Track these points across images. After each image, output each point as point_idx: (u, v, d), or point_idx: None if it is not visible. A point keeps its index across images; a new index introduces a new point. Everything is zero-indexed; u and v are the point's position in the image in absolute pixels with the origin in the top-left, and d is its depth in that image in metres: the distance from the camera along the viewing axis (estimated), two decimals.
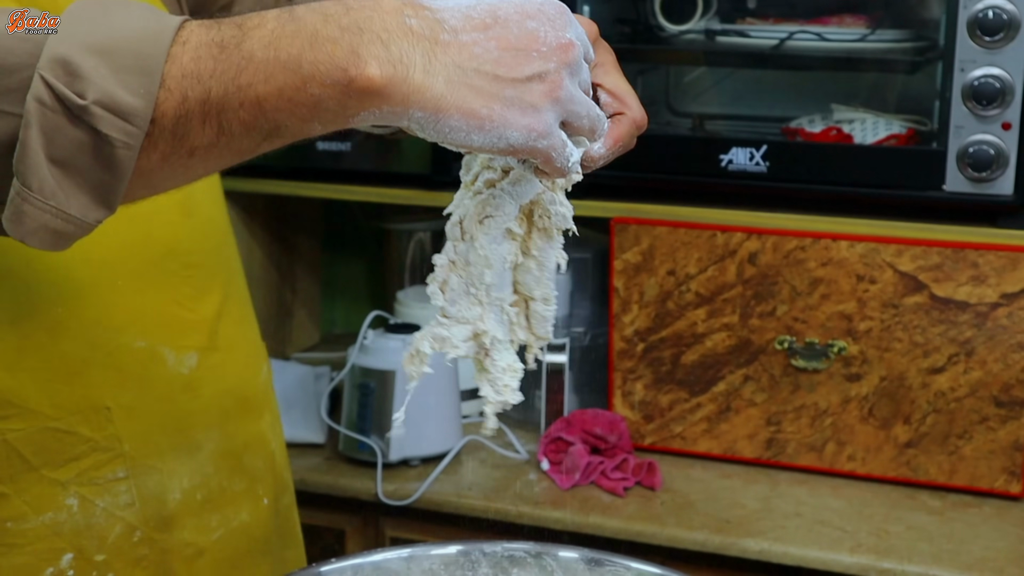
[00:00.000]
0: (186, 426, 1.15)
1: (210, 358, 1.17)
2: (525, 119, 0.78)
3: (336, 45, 0.75)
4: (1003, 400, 1.79)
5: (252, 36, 0.76)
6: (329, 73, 0.75)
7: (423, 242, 2.36)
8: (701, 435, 1.95)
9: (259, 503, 1.23)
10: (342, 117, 0.77)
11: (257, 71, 0.75)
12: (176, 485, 1.13)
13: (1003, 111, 1.73)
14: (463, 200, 0.90)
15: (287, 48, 0.75)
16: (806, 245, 1.86)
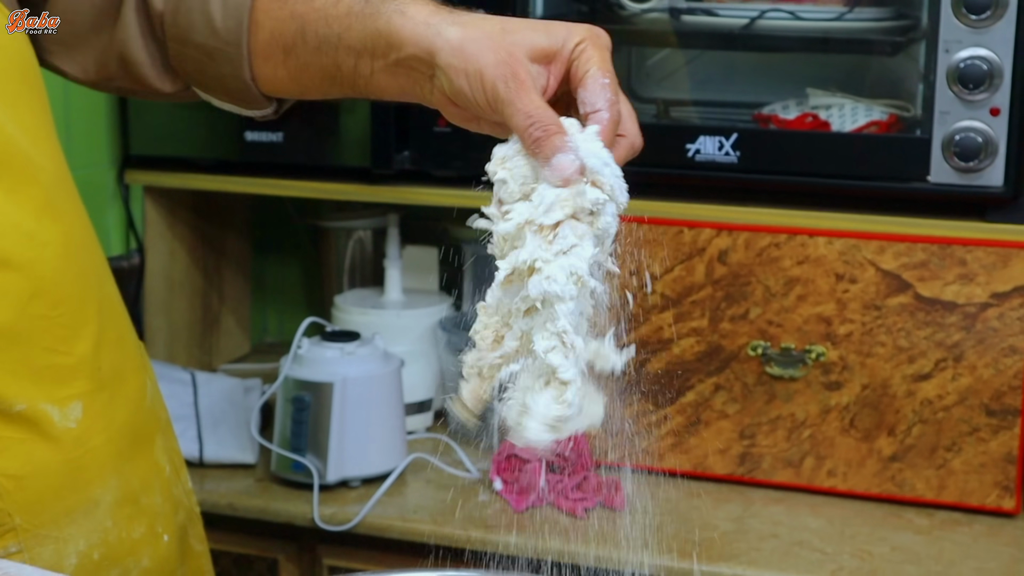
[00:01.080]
0: (81, 484, 1.11)
1: (96, 401, 1.12)
2: None
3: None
4: (995, 409, 1.79)
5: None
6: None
7: (363, 241, 2.33)
8: (669, 450, 1.94)
9: (159, 543, 1.20)
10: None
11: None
12: (72, 550, 1.10)
13: (991, 95, 1.73)
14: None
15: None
16: (781, 242, 1.85)
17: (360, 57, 1.04)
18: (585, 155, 0.92)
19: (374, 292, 2.24)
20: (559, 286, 0.90)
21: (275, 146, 2.07)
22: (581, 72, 0.96)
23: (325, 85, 1.09)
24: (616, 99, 0.96)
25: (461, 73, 0.96)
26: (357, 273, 2.34)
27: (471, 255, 2.17)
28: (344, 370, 1.90)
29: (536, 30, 0.97)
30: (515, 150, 0.95)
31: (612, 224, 0.93)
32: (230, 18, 1.10)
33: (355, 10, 1.04)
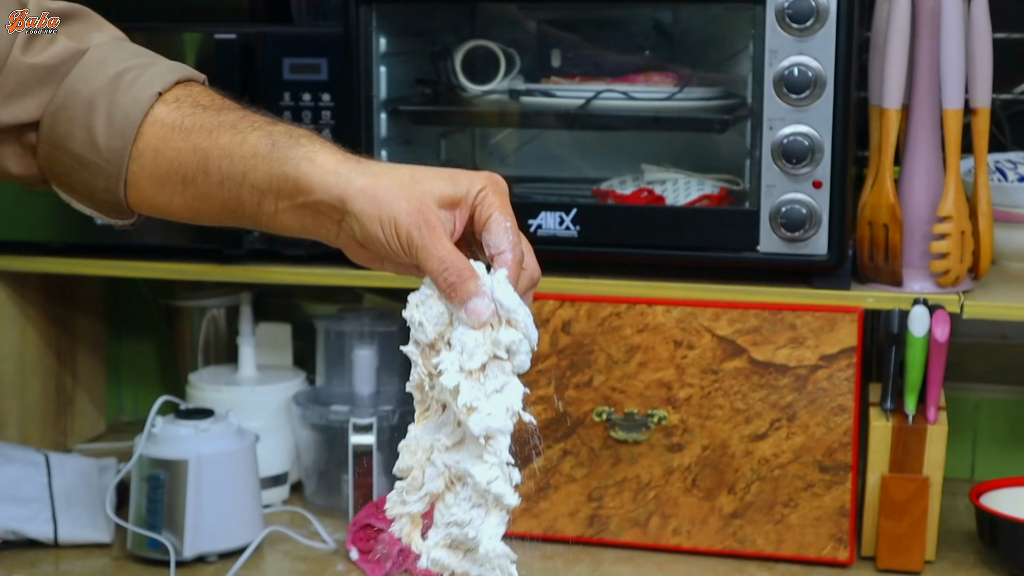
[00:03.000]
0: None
1: None
2: None
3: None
4: (827, 465, 1.83)
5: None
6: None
7: (216, 319, 2.31)
8: (520, 514, 1.94)
9: None
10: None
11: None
12: None
13: (813, 169, 1.79)
14: None
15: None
16: (621, 311, 1.88)
17: (264, 196, 1.06)
18: (499, 297, 0.97)
19: (228, 369, 2.22)
20: (500, 422, 0.97)
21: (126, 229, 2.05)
22: (484, 217, 1.01)
23: (224, 217, 1.11)
24: (518, 240, 1.01)
25: (375, 220, 1.00)
26: (211, 351, 2.31)
27: (323, 330, 2.17)
28: (198, 447, 1.88)
29: (442, 179, 1.02)
30: (427, 294, 1.00)
31: (526, 361, 0.99)
32: (114, 138, 1.10)
33: (261, 152, 1.06)
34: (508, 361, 0.98)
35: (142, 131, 1.10)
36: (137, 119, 1.10)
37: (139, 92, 1.11)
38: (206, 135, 1.09)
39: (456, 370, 0.98)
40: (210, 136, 1.08)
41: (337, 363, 2.15)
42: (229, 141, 1.08)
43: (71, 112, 1.11)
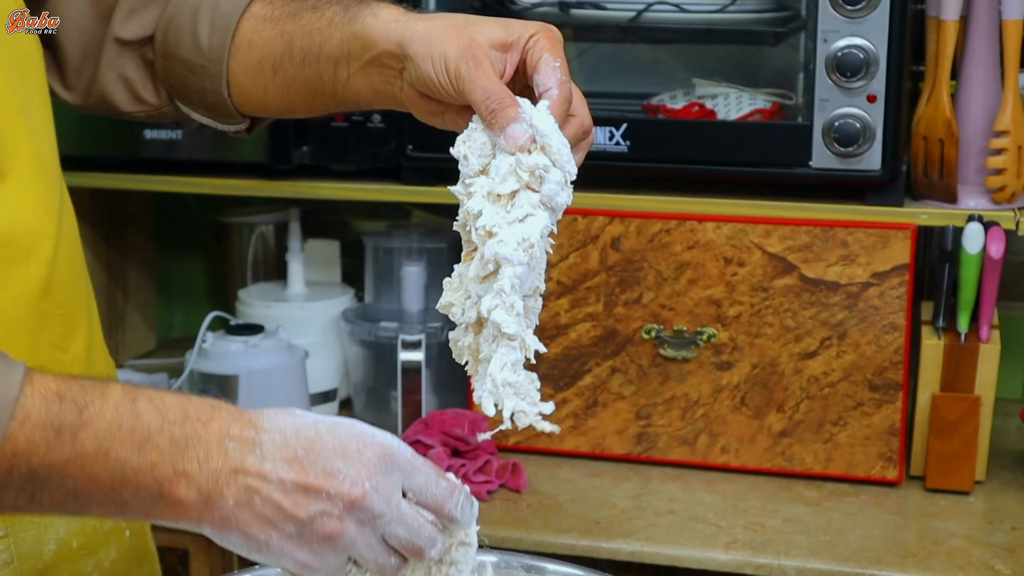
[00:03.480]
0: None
1: None
2: (300, 554, 0.88)
3: (161, 456, 0.86)
4: (877, 384, 1.82)
5: (89, 427, 0.85)
6: (145, 484, 0.86)
7: (265, 236, 2.32)
8: (568, 432, 1.95)
9: (123, 537, 1.22)
10: (143, 517, 0.89)
11: (83, 467, 0.85)
12: (52, 536, 1.12)
13: (868, 83, 1.76)
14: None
15: (118, 450, 0.85)
16: (671, 228, 1.86)
17: (338, 64, 1.10)
18: (536, 123, 0.96)
19: (277, 286, 2.23)
20: (509, 250, 0.94)
21: (174, 143, 2.05)
22: (535, 59, 1.02)
23: (309, 98, 1.15)
24: (566, 80, 1.01)
25: (427, 58, 1.02)
26: (260, 267, 2.32)
27: (372, 247, 2.17)
28: (249, 362, 1.89)
29: (496, 24, 1.04)
30: (473, 127, 1.00)
31: (557, 191, 0.96)
32: (216, 36, 1.16)
33: (335, 20, 1.10)
34: (538, 192, 0.96)
35: (239, 27, 1.15)
36: (235, 16, 1.15)
37: None
38: (291, 19, 1.13)
39: (483, 194, 0.96)
40: (294, 19, 1.13)
41: (386, 280, 2.15)
42: (309, 19, 1.12)
43: (179, 21, 1.17)
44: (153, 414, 0.86)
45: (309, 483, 0.87)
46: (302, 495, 0.86)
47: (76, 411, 0.85)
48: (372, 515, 0.88)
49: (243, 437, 0.87)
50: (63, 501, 0.86)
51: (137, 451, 0.85)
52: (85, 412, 0.85)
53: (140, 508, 0.87)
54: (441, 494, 0.91)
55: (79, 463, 0.85)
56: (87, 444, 0.85)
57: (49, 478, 0.85)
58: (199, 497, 0.86)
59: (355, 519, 0.87)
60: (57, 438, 0.84)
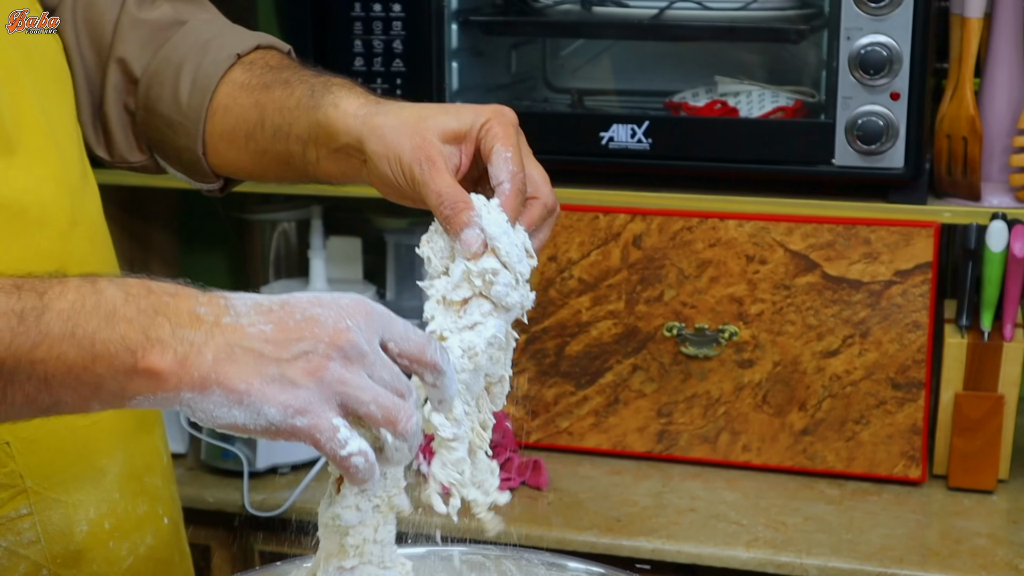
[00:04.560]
0: (89, 452, 1.13)
1: None
2: (283, 395, 0.81)
3: (130, 325, 0.81)
4: (900, 382, 1.82)
5: (52, 308, 0.81)
6: (118, 354, 0.81)
7: (287, 233, 2.32)
8: (589, 430, 1.95)
9: (160, 524, 1.22)
10: (120, 398, 0.83)
11: (51, 347, 0.81)
12: (83, 516, 1.12)
13: (891, 80, 1.75)
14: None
15: (84, 325, 0.81)
16: (693, 226, 1.86)
17: (307, 146, 1.10)
18: (484, 225, 0.96)
19: (299, 282, 2.23)
20: (454, 358, 0.93)
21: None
22: (487, 149, 1.01)
23: (280, 170, 1.14)
24: (519, 170, 1.00)
25: (383, 159, 1.02)
26: (282, 264, 2.33)
27: (393, 244, 2.17)
28: None
29: (448, 114, 1.02)
30: (433, 229, 1.00)
31: (507, 292, 0.95)
32: (195, 96, 1.16)
33: (303, 103, 1.09)
34: (487, 298, 0.96)
35: (218, 90, 1.16)
36: (215, 79, 1.15)
37: (220, 54, 1.17)
38: (265, 91, 1.13)
39: (438, 299, 0.96)
40: (267, 91, 1.13)
41: (407, 277, 2.15)
42: (280, 95, 1.11)
43: (163, 75, 1.17)
44: (115, 290, 0.83)
45: (289, 329, 0.82)
46: (283, 341, 0.82)
47: (36, 297, 0.82)
48: (358, 352, 0.83)
49: (212, 303, 0.83)
50: (35, 393, 0.82)
51: (105, 324, 0.81)
52: (46, 296, 0.82)
53: (115, 386, 0.82)
54: (421, 340, 0.86)
55: (46, 345, 0.81)
56: (52, 325, 0.81)
57: (17, 368, 0.81)
58: (175, 361, 0.81)
59: (340, 356, 0.82)
60: (20, 323, 0.81)
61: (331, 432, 0.82)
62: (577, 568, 1.14)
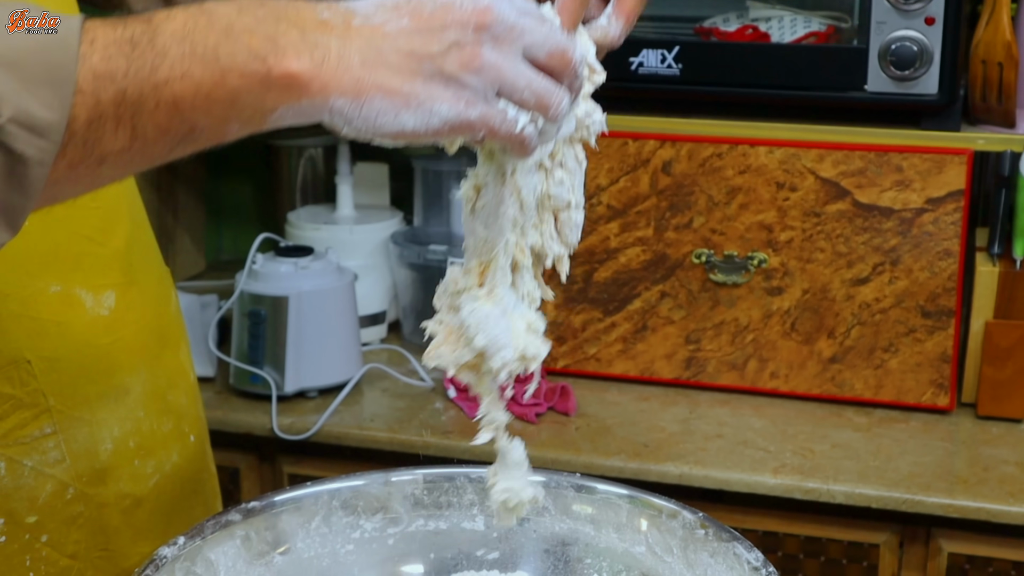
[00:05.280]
0: (111, 371, 1.13)
1: (127, 294, 1.15)
2: (449, 90, 0.78)
3: (253, 35, 0.75)
4: (930, 310, 1.81)
5: (163, 30, 0.75)
6: (248, 63, 0.75)
7: (314, 159, 2.32)
8: (617, 356, 1.95)
9: (187, 442, 1.23)
10: (260, 113, 0.77)
11: (173, 67, 0.75)
12: (107, 435, 1.12)
13: (926, 5, 1.73)
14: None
15: (202, 41, 0.75)
16: (723, 152, 1.85)
17: None
18: None
19: (326, 208, 2.23)
20: None
21: None
22: None
23: None
24: None
25: None
26: (309, 190, 2.33)
27: (421, 170, 2.17)
28: (299, 284, 1.90)
29: None
30: None
31: None
32: None
33: None
34: None
35: None
36: None
37: None
38: None
39: None
40: None
41: (435, 203, 2.15)
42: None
43: None
44: (226, 7, 0.77)
45: (429, 19, 0.77)
46: (428, 33, 0.77)
47: (144, 22, 0.76)
48: (506, 27, 0.78)
49: (333, 9, 0.78)
50: (167, 121, 0.76)
51: (224, 38, 0.75)
52: (153, 21, 0.76)
53: (251, 99, 0.76)
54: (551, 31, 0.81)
55: (167, 64, 0.75)
56: (168, 46, 0.75)
57: (142, 95, 0.75)
58: (313, 66, 0.75)
59: (490, 38, 0.78)
60: (134, 50, 0.75)
61: (502, 116, 0.80)
62: (606, 490, 1.14)
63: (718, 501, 1.71)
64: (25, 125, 0.73)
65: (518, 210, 0.91)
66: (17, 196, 0.75)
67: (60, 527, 1.10)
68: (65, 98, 0.74)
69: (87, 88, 0.74)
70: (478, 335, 0.90)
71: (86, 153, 0.76)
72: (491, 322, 0.90)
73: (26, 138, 0.73)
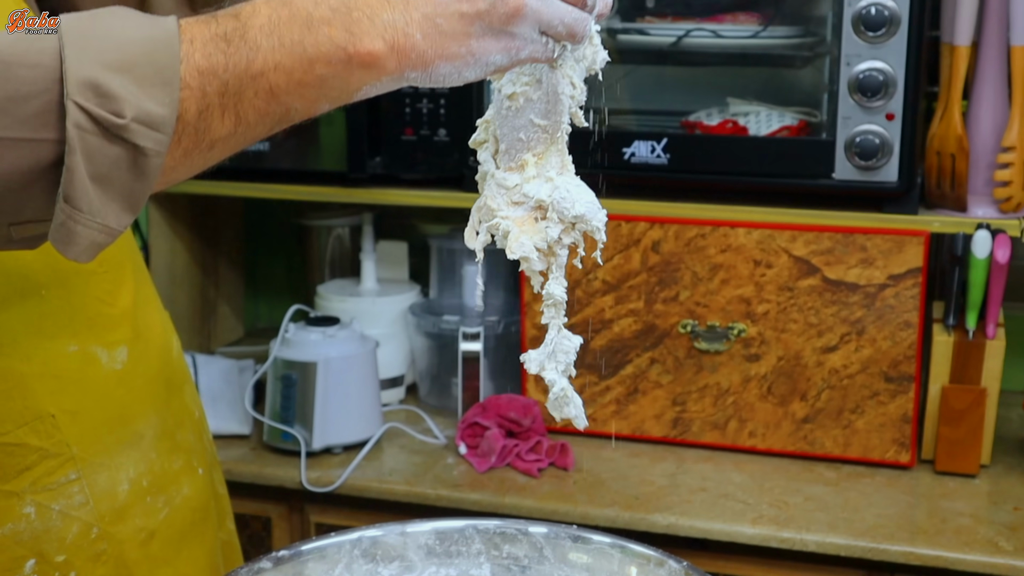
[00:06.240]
0: (127, 419, 1.14)
1: (136, 347, 1.16)
2: (500, 43, 0.84)
3: (331, 27, 0.80)
4: (892, 376, 1.83)
5: (252, 25, 0.80)
6: (332, 53, 0.80)
7: (342, 237, 2.35)
8: (611, 416, 1.97)
9: (195, 475, 1.23)
10: (346, 92, 0.82)
11: (266, 60, 0.80)
12: (124, 477, 1.13)
13: (887, 102, 1.77)
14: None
15: (288, 34, 0.80)
16: (706, 233, 1.88)
17: None
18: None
19: (352, 282, 2.26)
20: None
21: (263, 154, 2.09)
22: None
23: None
24: None
25: None
26: (337, 265, 2.35)
27: (436, 248, 2.19)
28: (326, 351, 1.92)
29: None
30: None
31: None
32: None
33: None
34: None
35: None
36: None
37: None
38: None
39: None
40: None
41: (449, 278, 2.18)
42: None
43: None
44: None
45: None
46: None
47: (232, 18, 0.81)
48: None
49: None
50: (265, 106, 0.81)
51: (307, 31, 0.80)
52: (241, 17, 0.81)
53: (338, 82, 0.81)
54: None
55: (261, 58, 0.79)
56: (259, 40, 0.80)
57: (241, 86, 0.80)
58: (386, 46, 0.80)
59: None
60: (229, 46, 0.79)
61: (543, 48, 0.86)
62: (600, 540, 1.15)
63: (702, 549, 1.73)
64: (144, 122, 0.77)
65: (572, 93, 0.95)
66: (139, 184, 0.79)
67: (86, 564, 1.10)
68: (174, 94, 0.78)
69: (194, 84, 0.79)
70: (575, 205, 0.93)
71: (198, 139, 0.80)
72: (581, 192, 0.95)
73: (145, 133, 0.77)
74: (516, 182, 0.94)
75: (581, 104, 0.96)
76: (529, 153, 0.94)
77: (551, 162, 0.94)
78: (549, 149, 0.94)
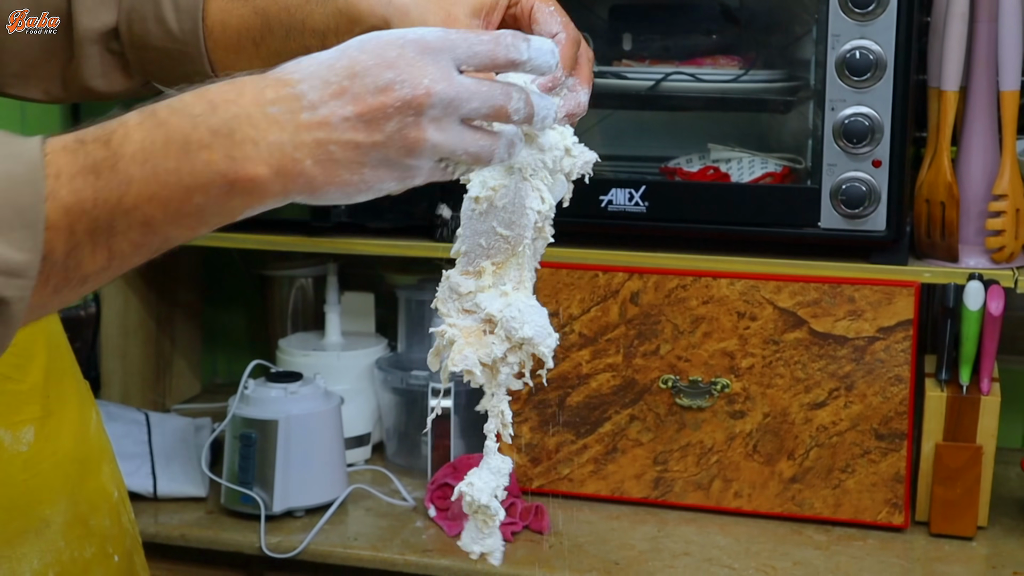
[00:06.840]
0: (31, 505, 1.08)
1: (46, 427, 1.10)
2: (395, 172, 0.80)
3: (211, 151, 0.75)
4: (883, 433, 1.80)
5: (123, 154, 0.74)
6: (211, 181, 0.75)
7: (304, 288, 2.31)
8: (589, 476, 1.93)
9: (110, 563, 1.17)
10: (227, 217, 0.78)
11: (140, 192, 0.74)
12: (26, 568, 1.06)
13: (873, 149, 1.75)
14: None
15: (163, 163, 0.75)
16: (687, 284, 1.85)
17: (325, 37, 1.02)
18: None
19: (315, 335, 2.22)
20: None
21: None
22: (526, 11, 0.96)
23: None
24: (569, 20, 0.96)
25: None
26: (299, 318, 2.32)
27: (404, 299, 2.16)
28: (288, 408, 1.88)
29: None
30: None
31: None
32: (184, 20, 1.08)
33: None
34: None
35: (207, 9, 1.08)
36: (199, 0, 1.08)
37: None
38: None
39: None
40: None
41: (417, 330, 2.14)
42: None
43: (141, 11, 1.09)
44: (179, 117, 0.75)
45: (371, 108, 0.77)
46: (372, 122, 0.77)
47: (103, 146, 0.75)
48: (444, 104, 0.78)
49: (282, 97, 0.77)
50: (142, 239, 0.76)
51: (184, 157, 0.75)
52: (112, 144, 0.75)
53: (218, 209, 0.76)
54: (486, 47, 0.81)
55: (134, 191, 0.74)
56: (131, 171, 0.74)
57: (113, 220, 0.74)
58: (271, 171, 0.76)
59: (430, 118, 0.78)
60: (99, 179, 0.74)
61: (441, 173, 0.82)
62: None
63: None
64: (3, 271, 0.72)
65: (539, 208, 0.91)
66: (1, 329, 0.74)
67: None
68: (38, 236, 0.72)
69: (60, 223, 0.73)
70: (524, 327, 0.89)
71: (68, 277, 0.75)
72: (532, 313, 0.90)
73: (4, 282, 0.72)
74: (470, 289, 0.91)
75: (550, 218, 0.92)
76: (488, 261, 0.91)
77: (509, 275, 0.91)
78: (509, 261, 0.91)
